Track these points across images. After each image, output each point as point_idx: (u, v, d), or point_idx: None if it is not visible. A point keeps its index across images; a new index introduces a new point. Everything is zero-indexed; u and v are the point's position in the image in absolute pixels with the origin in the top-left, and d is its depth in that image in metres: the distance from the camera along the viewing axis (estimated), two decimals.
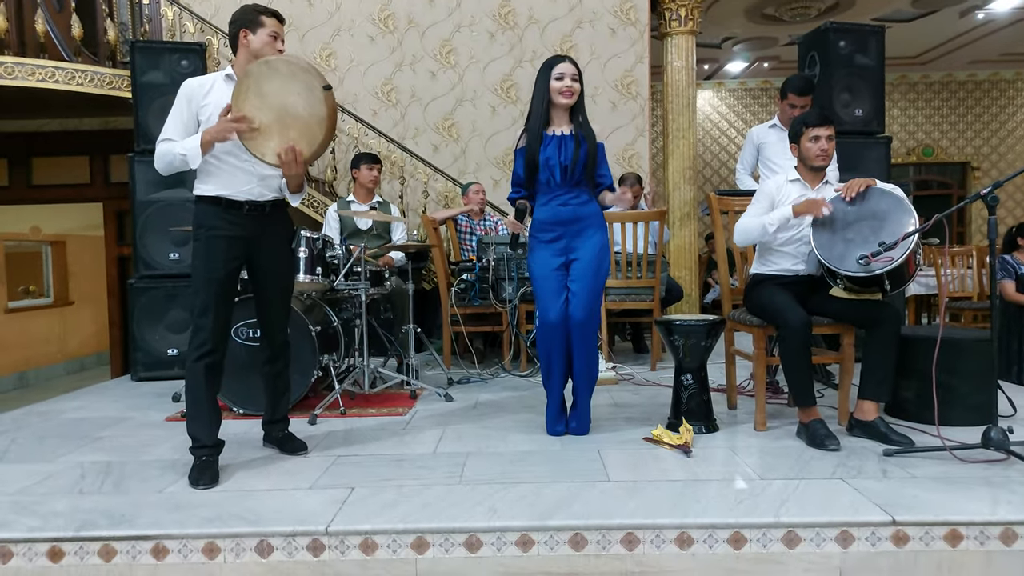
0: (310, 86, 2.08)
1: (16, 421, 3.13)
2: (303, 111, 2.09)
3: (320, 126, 2.10)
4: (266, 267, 2.34)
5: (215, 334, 2.21)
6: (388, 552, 1.78)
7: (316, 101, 2.08)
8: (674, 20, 5.78)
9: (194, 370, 2.21)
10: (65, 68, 4.78)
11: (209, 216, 2.23)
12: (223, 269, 2.22)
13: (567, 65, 2.55)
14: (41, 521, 1.88)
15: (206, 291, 2.21)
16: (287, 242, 2.41)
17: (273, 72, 2.08)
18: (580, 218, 2.60)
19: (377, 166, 4.23)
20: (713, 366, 2.90)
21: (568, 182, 2.57)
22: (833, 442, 2.38)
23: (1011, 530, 1.77)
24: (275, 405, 2.49)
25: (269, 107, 2.09)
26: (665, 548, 1.78)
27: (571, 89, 2.53)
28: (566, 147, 2.55)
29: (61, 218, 8.06)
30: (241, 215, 2.24)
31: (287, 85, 2.08)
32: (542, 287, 2.61)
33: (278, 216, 2.35)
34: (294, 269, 2.41)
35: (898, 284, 2.46)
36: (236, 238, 2.24)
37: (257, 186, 2.26)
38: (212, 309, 2.20)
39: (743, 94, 10.40)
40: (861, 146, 3.99)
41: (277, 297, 2.40)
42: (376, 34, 5.78)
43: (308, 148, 2.12)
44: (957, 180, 10.49)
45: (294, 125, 2.09)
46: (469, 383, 3.78)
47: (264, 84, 2.08)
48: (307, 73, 2.08)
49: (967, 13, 8.06)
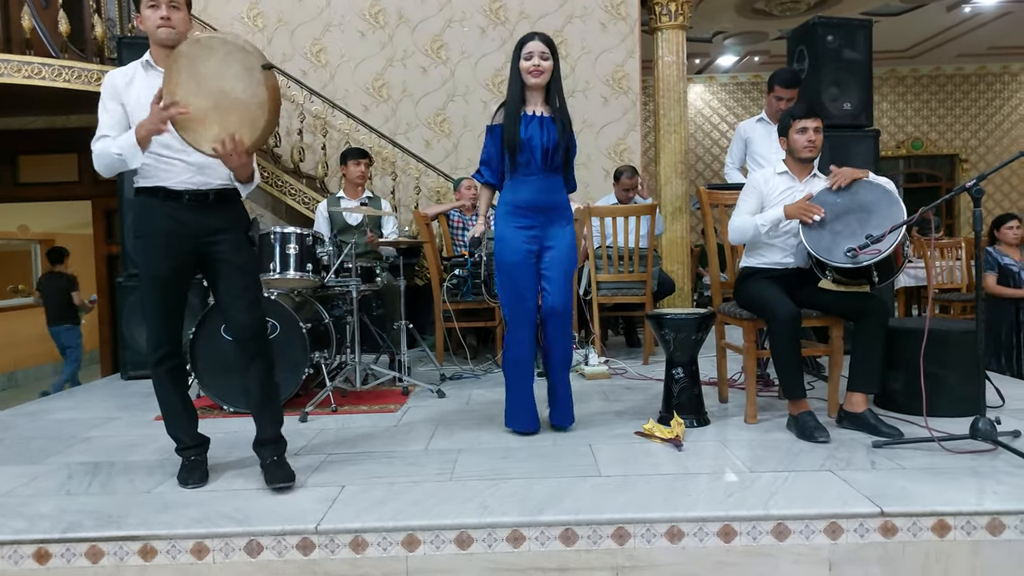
0: (249, 66, 1.88)
1: (3, 422, 3.11)
2: (243, 94, 1.89)
3: (262, 109, 1.90)
4: (218, 261, 2.11)
5: (168, 335, 2.11)
6: (378, 550, 1.78)
7: (255, 83, 1.88)
8: (664, 15, 5.77)
9: (157, 375, 2.15)
10: (52, 65, 4.73)
11: (148, 210, 2.07)
12: (167, 266, 2.06)
13: (535, 43, 2.48)
14: (27, 523, 1.87)
15: (151, 291, 2.08)
16: (240, 232, 2.14)
17: (208, 52, 1.89)
18: (554, 207, 2.57)
19: (364, 161, 4.19)
20: (704, 359, 2.91)
21: (547, 166, 2.53)
22: (823, 434, 2.39)
23: (998, 520, 1.78)
24: (258, 415, 2.19)
25: (206, 92, 1.89)
26: (656, 542, 1.79)
27: (539, 68, 2.47)
28: (548, 129, 2.51)
29: (49, 216, 8.00)
30: (181, 206, 2.05)
31: (224, 67, 1.88)
32: (517, 274, 2.51)
33: (226, 206, 2.12)
34: (253, 260, 2.17)
35: (886, 276, 2.47)
36: (178, 233, 2.06)
37: (197, 175, 2.06)
38: (161, 310, 2.09)
39: (734, 88, 10.42)
40: (849, 139, 4.00)
41: (236, 292, 2.12)
42: (367, 29, 5.75)
43: (250, 135, 1.93)
44: (946, 173, 10.55)
45: (233, 110, 1.90)
46: (462, 379, 3.77)
47: (199, 66, 1.89)
48: (244, 52, 1.89)
49: (954, 7, 8.10)
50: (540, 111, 2.54)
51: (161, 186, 2.06)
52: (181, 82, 1.90)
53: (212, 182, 2.08)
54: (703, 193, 3.04)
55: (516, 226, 2.54)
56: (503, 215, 2.57)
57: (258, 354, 2.15)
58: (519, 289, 2.53)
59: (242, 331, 2.14)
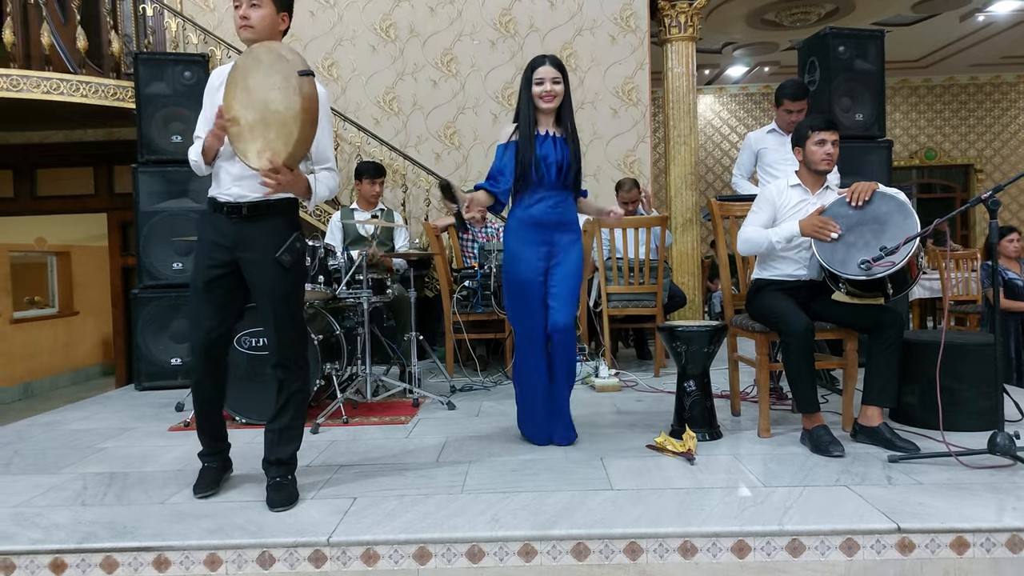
0: (287, 75, 1.83)
1: (20, 433, 3.14)
2: (281, 106, 1.86)
3: (295, 121, 1.84)
4: (250, 277, 2.08)
5: (198, 336, 2.09)
6: (390, 563, 1.78)
7: (292, 92, 1.83)
8: (674, 27, 5.79)
9: (194, 363, 2.13)
10: (70, 80, 4.82)
11: (202, 218, 2.13)
12: (202, 276, 2.07)
13: (546, 68, 2.50)
14: (43, 533, 1.88)
15: (191, 299, 2.12)
16: (271, 250, 2.03)
17: (256, 63, 1.89)
18: (565, 223, 2.59)
19: (380, 180, 4.21)
20: (716, 372, 2.89)
21: (560, 183, 2.55)
22: (837, 448, 2.37)
23: (1018, 537, 1.75)
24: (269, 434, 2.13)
25: (254, 104, 1.89)
26: (668, 557, 1.77)
27: (551, 93, 2.50)
28: (561, 148, 2.54)
29: (66, 229, 8.10)
30: (221, 218, 2.05)
31: (268, 78, 1.87)
32: (527, 291, 2.53)
33: (261, 222, 2.05)
34: (283, 280, 2.06)
35: (900, 288, 2.45)
36: (216, 244, 2.05)
37: (234, 186, 2.04)
38: (195, 318, 2.09)
39: (744, 99, 10.41)
40: (862, 150, 3.99)
41: (268, 311, 2.06)
42: (378, 43, 5.82)
43: (284, 149, 1.87)
44: (960, 183, 10.47)
45: (273, 123, 1.87)
46: (472, 391, 3.77)
47: (249, 77, 1.89)
48: (284, 61, 1.85)
49: (967, 16, 8.06)
50: (552, 131, 2.57)
51: (214, 196, 2.09)
52: (236, 95, 1.91)
53: (247, 195, 2.04)
54: (714, 205, 3.04)
55: (528, 242, 2.55)
56: (515, 230, 2.58)
57: (286, 380, 2.09)
58: (529, 306, 2.54)
59: (271, 353, 2.10)
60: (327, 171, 2.10)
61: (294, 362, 2.11)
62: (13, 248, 7.68)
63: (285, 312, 2.08)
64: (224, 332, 2.13)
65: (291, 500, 2.04)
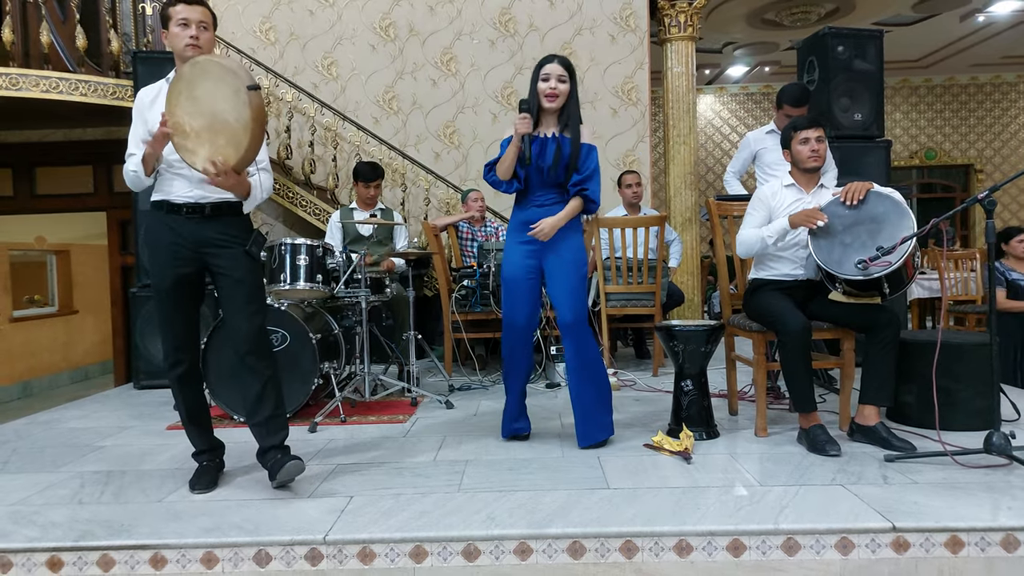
0: (236, 89, 1.96)
1: (18, 431, 3.14)
2: (231, 117, 1.98)
3: (245, 131, 1.97)
4: (218, 274, 2.16)
5: (176, 342, 2.17)
6: (386, 561, 1.78)
7: (241, 105, 1.96)
8: (673, 26, 5.79)
9: (170, 380, 2.23)
10: (69, 79, 4.82)
11: (154, 223, 2.17)
12: (169, 278, 2.13)
13: (553, 66, 2.50)
14: (40, 531, 1.89)
15: (158, 302, 2.18)
16: (240, 244, 2.16)
17: (203, 75, 1.99)
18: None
19: (375, 183, 4.18)
20: (714, 371, 2.90)
21: (547, 182, 2.55)
22: (834, 448, 2.37)
23: (1013, 536, 1.76)
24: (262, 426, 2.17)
25: (200, 112, 2.00)
26: (664, 556, 1.77)
27: (555, 91, 2.49)
28: (546, 149, 2.52)
29: (65, 227, 8.10)
30: (180, 219, 2.13)
31: (217, 89, 1.98)
32: (511, 289, 2.60)
33: (225, 220, 2.16)
34: (254, 272, 2.19)
35: (897, 288, 2.45)
36: (179, 244, 2.13)
37: (195, 189, 2.13)
38: (167, 320, 2.16)
39: (744, 99, 10.41)
40: (861, 150, 3.99)
41: (234, 305, 2.15)
42: (377, 43, 5.82)
43: (235, 155, 2.00)
44: (960, 183, 10.47)
45: (223, 132, 1.99)
46: (470, 390, 3.78)
47: (196, 88, 2.00)
48: (234, 75, 1.97)
49: (968, 16, 8.06)
50: (550, 132, 2.55)
51: (165, 199, 2.15)
52: (180, 103, 2.02)
53: (209, 195, 2.13)
54: (713, 205, 3.04)
55: (517, 241, 2.60)
56: (509, 231, 2.66)
57: (257, 368, 2.15)
58: (512, 302, 2.61)
59: (240, 343, 2.15)
60: (264, 172, 2.21)
61: (266, 348, 2.21)
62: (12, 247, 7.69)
63: (257, 299, 2.19)
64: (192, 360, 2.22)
65: (299, 468, 2.13)
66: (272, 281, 3.13)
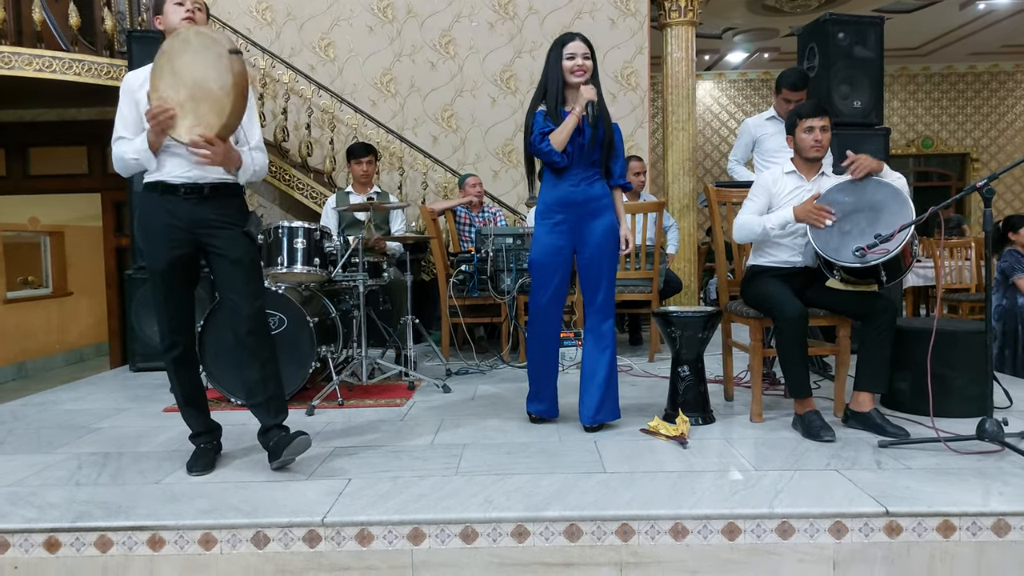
0: (218, 54, 1.93)
1: (14, 412, 3.14)
2: (213, 84, 1.95)
3: (227, 97, 1.94)
4: (214, 255, 2.15)
5: (172, 325, 2.17)
6: (384, 543, 1.79)
7: (224, 70, 1.93)
8: (674, 11, 5.75)
9: (165, 362, 2.23)
10: (62, 58, 4.76)
11: (149, 204, 2.14)
12: (164, 258, 2.11)
13: (577, 44, 2.51)
14: (37, 512, 1.89)
15: (153, 284, 2.16)
16: (238, 225, 2.17)
17: (184, 45, 1.98)
18: (590, 199, 2.57)
19: (366, 159, 4.17)
20: (710, 357, 2.91)
21: (584, 160, 2.54)
22: (828, 433, 2.39)
23: (1003, 521, 1.78)
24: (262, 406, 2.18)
25: (183, 83, 1.98)
26: (660, 539, 1.79)
27: (583, 67, 2.50)
28: (585, 125, 2.52)
29: (59, 208, 8.04)
30: (177, 199, 2.10)
31: (198, 57, 1.95)
32: (540, 271, 2.59)
33: (223, 200, 2.16)
34: (252, 253, 2.19)
35: (894, 276, 2.46)
36: (174, 226, 2.11)
37: (193, 169, 2.10)
38: (162, 302, 2.15)
39: (744, 85, 10.36)
40: (859, 137, 3.97)
41: (232, 285, 2.15)
42: (375, 24, 5.75)
43: (218, 121, 1.97)
44: (957, 172, 10.48)
45: (205, 99, 1.97)
46: (468, 374, 3.78)
47: (176, 60, 1.98)
48: (214, 41, 1.95)
49: (968, 4, 8.02)
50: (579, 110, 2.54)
51: (160, 180, 2.12)
52: (164, 77, 2.00)
53: (207, 175, 2.12)
54: (711, 191, 3.03)
55: (548, 223, 2.58)
56: (538, 214, 2.62)
57: (257, 349, 2.15)
58: (539, 283, 2.60)
59: (239, 324, 2.14)
60: (258, 151, 2.22)
61: (266, 328, 2.21)
62: (6, 228, 7.63)
63: (256, 280, 2.20)
64: (188, 342, 2.22)
65: (306, 444, 2.16)
66: (269, 264, 3.12)
